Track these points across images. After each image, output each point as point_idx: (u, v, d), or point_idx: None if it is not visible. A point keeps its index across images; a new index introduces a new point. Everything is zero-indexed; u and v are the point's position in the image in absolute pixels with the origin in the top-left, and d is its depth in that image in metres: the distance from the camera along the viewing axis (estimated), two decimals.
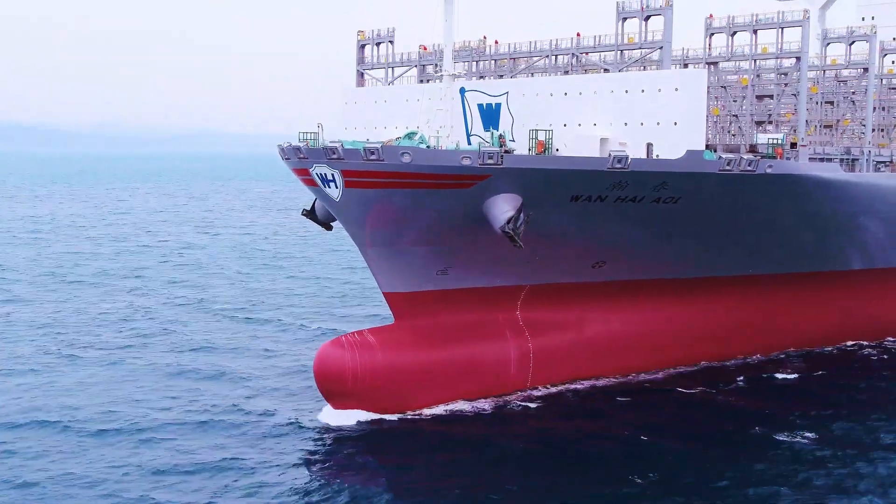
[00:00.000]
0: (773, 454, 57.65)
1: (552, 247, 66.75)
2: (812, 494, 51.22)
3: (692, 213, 67.39)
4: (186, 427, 61.01)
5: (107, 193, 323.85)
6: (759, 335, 79.17)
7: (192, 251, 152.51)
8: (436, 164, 59.86)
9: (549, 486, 52.65)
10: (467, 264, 67.28)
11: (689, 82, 64.73)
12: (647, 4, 66.32)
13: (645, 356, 74.71)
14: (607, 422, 64.40)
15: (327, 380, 64.59)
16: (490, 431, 62.31)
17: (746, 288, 76.83)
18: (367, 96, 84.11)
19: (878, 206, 78.90)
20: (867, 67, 79.52)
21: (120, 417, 62.55)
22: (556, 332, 72.21)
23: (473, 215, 61.92)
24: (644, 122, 65.34)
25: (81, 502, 49.37)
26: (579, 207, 64.19)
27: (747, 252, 75.00)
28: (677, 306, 74.82)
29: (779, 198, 69.81)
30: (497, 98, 72.91)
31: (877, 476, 53.99)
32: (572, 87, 69.24)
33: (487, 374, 69.28)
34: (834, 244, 79.76)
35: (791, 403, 68.21)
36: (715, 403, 68.61)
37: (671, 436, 61.09)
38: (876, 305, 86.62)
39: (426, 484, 53.54)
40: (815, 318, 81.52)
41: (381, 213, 62.58)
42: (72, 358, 77.97)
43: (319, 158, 61.68)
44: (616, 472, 54.67)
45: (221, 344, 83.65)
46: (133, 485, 51.33)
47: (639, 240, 69.39)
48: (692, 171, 63.76)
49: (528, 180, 60.89)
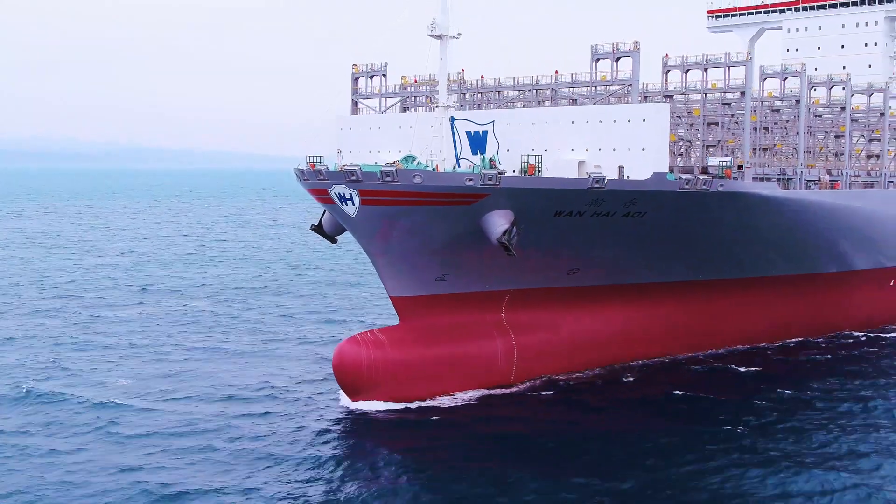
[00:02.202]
0: (723, 434, 68.06)
1: (535, 256, 76.71)
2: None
3: (656, 226, 77.99)
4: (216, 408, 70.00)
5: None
6: (711, 332, 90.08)
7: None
8: (443, 184, 69.39)
9: (537, 463, 61.30)
10: (461, 271, 76.59)
11: (654, 114, 75.63)
12: (618, 48, 77.37)
13: (614, 351, 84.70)
14: (583, 409, 73.48)
15: (346, 373, 73.58)
16: (484, 415, 71.31)
17: (700, 291, 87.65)
18: (360, 123, 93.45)
19: (809, 219, 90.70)
20: (799, 99, 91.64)
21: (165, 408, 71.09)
22: (535, 331, 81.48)
23: (472, 228, 71.65)
24: (616, 147, 75.96)
25: (115, 479, 56.32)
26: (561, 221, 74.25)
27: (701, 259, 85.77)
28: (641, 307, 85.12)
29: (728, 212, 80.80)
30: (484, 126, 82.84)
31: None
32: (552, 117, 79.62)
33: (478, 369, 78.14)
34: (773, 253, 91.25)
35: (746, 391, 78.17)
36: (674, 392, 78.88)
37: (633, 418, 71.12)
38: (809, 306, 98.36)
39: (434, 462, 61.23)
40: (758, 318, 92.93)
41: (391, 227, 71.66)
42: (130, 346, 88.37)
43: (339, 180, 70.74)
44: (593, 448, 64.26)
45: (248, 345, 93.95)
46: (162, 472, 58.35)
47: (609, 249, 79.61)
48: (657, 190, 74.44)
49: (520, 198, 70.69)
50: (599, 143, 76.73)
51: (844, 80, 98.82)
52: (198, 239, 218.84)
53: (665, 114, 75.83)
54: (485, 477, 57.70)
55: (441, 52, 77.18)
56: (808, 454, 62.75)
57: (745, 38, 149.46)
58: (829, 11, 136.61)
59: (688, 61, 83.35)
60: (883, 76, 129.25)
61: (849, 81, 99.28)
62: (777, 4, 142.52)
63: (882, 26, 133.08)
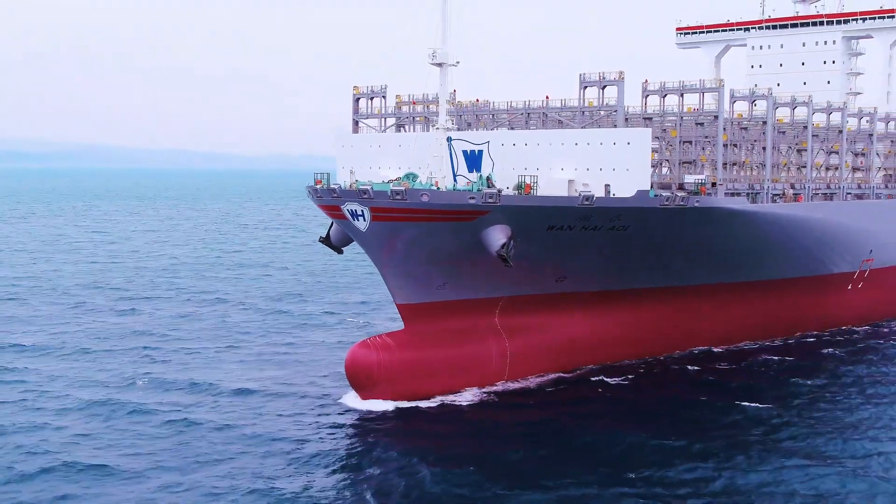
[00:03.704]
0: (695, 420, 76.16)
1: (527, 266, 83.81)
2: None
3: (638, 238, 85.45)
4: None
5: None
6: (687, 334, 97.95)
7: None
8: (448, 202, 76.26)
9: (529, 446, 69.13)
10: (460, 280, 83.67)
11: (637, 138, 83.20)
12: (604, 77, 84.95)
13: (598, 353, 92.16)
14: (571, 405, 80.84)
15: (357, 374, 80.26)
16: (481, 411, 79.08)
17: (677, 296, 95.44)
18: (361, 141, 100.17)
19: (775, 230, 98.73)
20: (766, 120, 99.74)
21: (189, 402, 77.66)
22: (525, 334, 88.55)
23: (472, 241, 78.65)
24: (602, 167, 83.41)
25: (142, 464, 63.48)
26: (553, 235, 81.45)
27: (678, 267, 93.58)
28: (623, 311, 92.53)
29: (703, 225, 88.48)
30: (479, 146, 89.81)
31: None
32: (544, 139, 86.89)
33: (475, 369, 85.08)
34: (744, 260, 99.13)
35: (724, 389, 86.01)
36: (657, 389, 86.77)
37: (616, 413, 78.71)
38: (774, 309, 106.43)
39: (438, 449, 68.62)
40: (730, 320, 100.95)
41: (399, 240, 78.59)
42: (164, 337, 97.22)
43: (352, 198, 77.51)
44: (579, 437, 71.88)
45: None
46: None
47: (594, 259, 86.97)
48: (641, 207, 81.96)
49: (516, 214, 77.87)
50: (587, 164, 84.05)
51: (807, 101, 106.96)
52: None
53: (647, 137, 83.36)
54: (484, 467, 64.65)
55: (441, 79, 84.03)
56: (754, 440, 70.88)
57: (711, 55, 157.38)
58: (790, 31, 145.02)
59: (665, 87, 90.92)
60: (840, 92, 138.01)
61: (811, 102, 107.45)
62: (742, 23, 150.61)
63: (839, 45, 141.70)
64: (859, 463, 66.22)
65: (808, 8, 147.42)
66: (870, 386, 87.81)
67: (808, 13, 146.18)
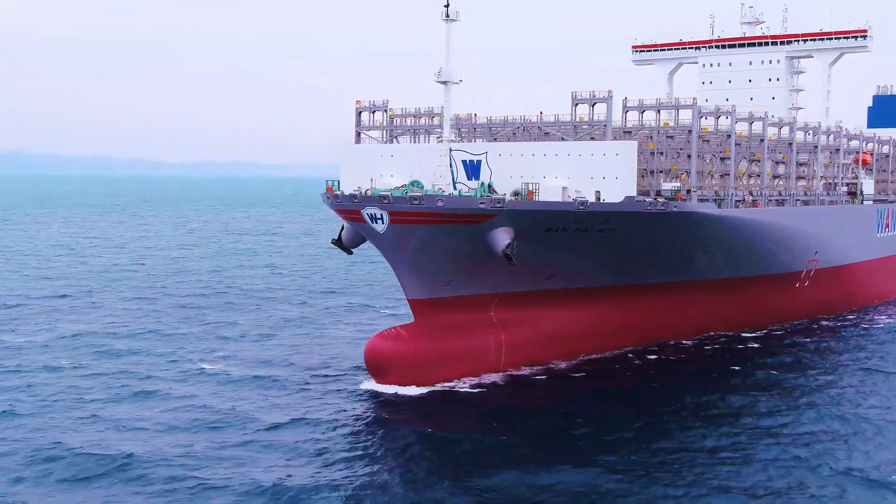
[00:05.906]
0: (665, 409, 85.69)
1: (523, 264, 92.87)
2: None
3: (623, 240, 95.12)
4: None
5: None
6: (667, 326, 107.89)
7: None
8: (460, 207, 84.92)
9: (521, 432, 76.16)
10: (462, 277, 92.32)
11: (624, 150, 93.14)
12: (594, 95, 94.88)
13: (585, 344, 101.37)
14: (560, 392, 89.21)
15: (375, 361, 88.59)
16: (483, 399, 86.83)
17: (658, 291, 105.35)
18: (364, 151, 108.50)
19: (739, 232, 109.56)
20: (730, 134, 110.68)
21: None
22: (518, 327, 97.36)
23: (479, 242, 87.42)
24: (593, 176, 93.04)
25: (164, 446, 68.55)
26: (549, 236, 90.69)
27: (657, 266, 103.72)
28: (607, 305, 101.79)
29: (679, 227, 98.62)
30: (478, 156, 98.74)
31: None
32: (539, 150, 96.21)
33: (475, 359, 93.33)
34: (714, 259, 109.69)
35: (700, 377, 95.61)
36: (642, 377, 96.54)
37: (602, 400, 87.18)
38: (739, 303, 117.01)
39: (444, 432, 75.83)
40: (702, 313, 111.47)
41: (414, 241, 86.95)
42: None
43: (372, 203, 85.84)
44: (570, 424, 78.37)
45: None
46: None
47: (583, 259, 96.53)
48: (627, 211, 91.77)
49: (519, 218, 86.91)
50: (579, 173, 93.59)
51: (763, 117, 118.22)
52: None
53: (633, 149, 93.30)
54: (490, 451, 71.46)
55: (445, 96, 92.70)
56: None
57: (665, 71, 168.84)
58: (738, 50, 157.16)
59: (644, 104, 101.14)
60: (783, 107, 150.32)
61: (766, 118, 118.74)
62: (693, 42, 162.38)
63: (783, 64, 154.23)
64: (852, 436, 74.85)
65: (754, 29, 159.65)
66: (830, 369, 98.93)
67: (755, 34, 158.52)
